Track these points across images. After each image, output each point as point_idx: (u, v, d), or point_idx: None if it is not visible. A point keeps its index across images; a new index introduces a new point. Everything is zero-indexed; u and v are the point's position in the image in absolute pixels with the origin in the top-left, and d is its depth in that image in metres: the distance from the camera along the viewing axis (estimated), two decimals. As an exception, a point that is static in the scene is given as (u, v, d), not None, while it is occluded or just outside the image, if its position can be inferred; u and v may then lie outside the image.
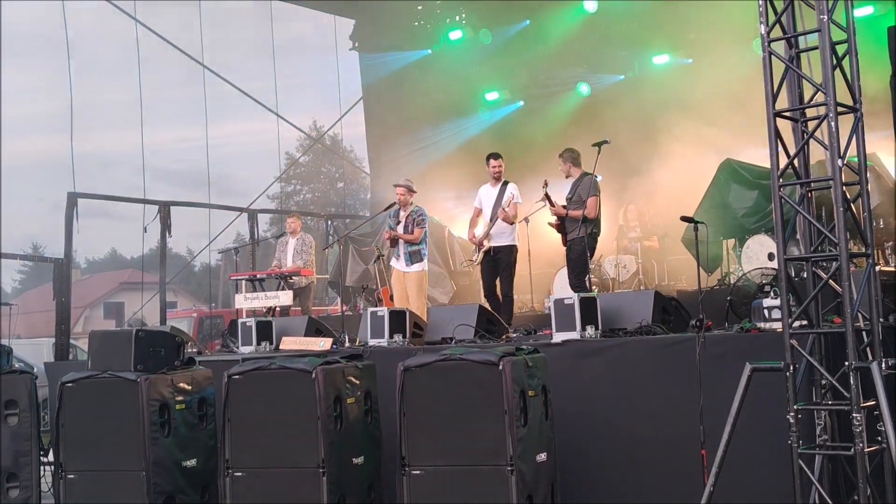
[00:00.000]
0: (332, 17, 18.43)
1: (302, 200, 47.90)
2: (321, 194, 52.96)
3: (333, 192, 53.59)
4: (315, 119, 38.47)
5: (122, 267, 56.59)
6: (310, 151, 54.99)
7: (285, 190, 50.38)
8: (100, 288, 51.82)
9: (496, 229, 10.47)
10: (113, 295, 52.66)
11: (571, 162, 10.11)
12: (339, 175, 56.67)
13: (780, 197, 5.58)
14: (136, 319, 15.87)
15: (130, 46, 15.76)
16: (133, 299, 54.17)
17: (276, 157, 41.51)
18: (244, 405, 6.61)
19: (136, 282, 55.31)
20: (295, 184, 51.53)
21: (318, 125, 43.04)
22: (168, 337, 7.16)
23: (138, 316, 17.28)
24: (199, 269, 42.56)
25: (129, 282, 54.99)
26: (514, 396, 5.89)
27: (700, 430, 6.16)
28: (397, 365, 7.52)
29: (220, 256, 30.21)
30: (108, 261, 60.37)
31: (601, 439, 7.03)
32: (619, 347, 7.22)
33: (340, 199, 51.72)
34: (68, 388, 7.03)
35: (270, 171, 53.49)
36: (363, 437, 6.80)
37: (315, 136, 44.65)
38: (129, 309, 53.68)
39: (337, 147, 47.54)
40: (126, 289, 54.19)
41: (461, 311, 8.98)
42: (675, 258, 13.40)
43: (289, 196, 48.42)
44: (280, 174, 37.61)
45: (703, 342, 6.29)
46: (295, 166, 56.23)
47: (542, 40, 16.12)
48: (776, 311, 7.26)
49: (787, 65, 5.68)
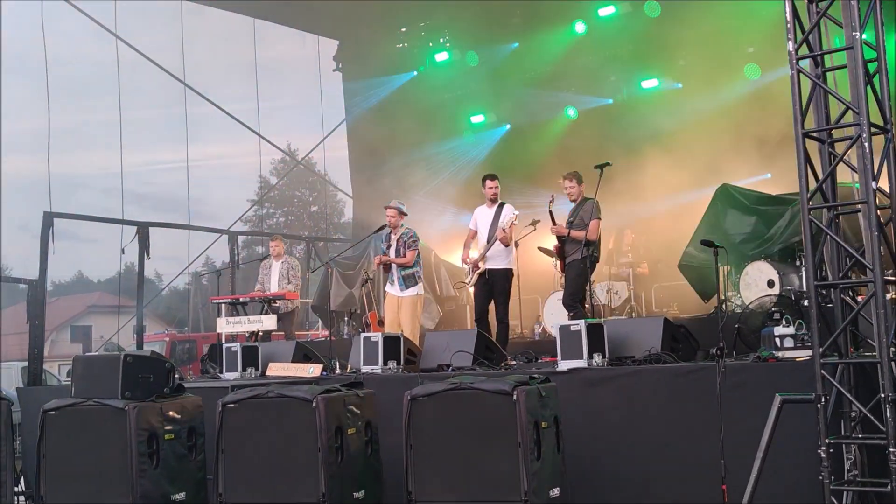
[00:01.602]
0: (315, 38, 18.14)
1: (275, 224, 47.40)
2: (295, 218, 52.50)
3: (307, 216, 53.21)
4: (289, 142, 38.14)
5: (89, 290, 55.72)
6: (282, 175, 54.75)
7: (258, 213, 49.92)
8: (66, 311, 50.97)
9: (492, 251, 10.19)
10: (80, 318, 51.82)
11: (580, 183, 9.90)
12: (312, 199, 56.42)
13: (809, 220, 5.35)
14: (112, 344, 15.41)
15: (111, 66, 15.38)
16: (101, 323, 53.40)
17: (251, 180, 41.02)
18: (239, 435, 6.28)
19: (105, 305, 54.60)
20: (268, 207, 51.01)
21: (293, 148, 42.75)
22: (157, 362, 6.79)
23: (114, 340, 16.76)
24: (167, 293, 42.00)
25: (97, 305, 54.20)
26: (528, 428, 5.61)
27: (721, 465, 5.86)
28: (403, 394, 7.23)
29: (190, 280, 29.73)
30: (74, 284, 59.36)
31: (613, 473, 6.74)
32: (630, 376, 6.95)
33: (314, 223, 51.34)
34: (51, 416, 6.64)
35: (244, 194, 53.13)
36: (364, 469, 6.46)
37: (291, 160, 44.54)
38: (97, 332, 52.85)
39: (311, 170, 47.26)
40: (94, 312, 53.39)
41: (458, 337, 8.69)
42: (666, 285, 13.19)
43: (262, 219, 47.86)
44: (260, 197, 37.24)
45: (724, 371, 6.01)
46: (268, 189, 55.94)
47: (529, 63, 15.96)
48: (788, 340, 7.08)
49: (816, 83, 5.46)
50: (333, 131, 18.41)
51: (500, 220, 10.29)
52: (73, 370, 6.85)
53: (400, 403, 7.27)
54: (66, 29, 16.50)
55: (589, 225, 9.53)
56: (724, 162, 14.15)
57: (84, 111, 38.24)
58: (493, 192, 10.53)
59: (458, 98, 16.97)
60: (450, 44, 17.29)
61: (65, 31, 16.59)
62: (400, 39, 17.99)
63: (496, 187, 10.56)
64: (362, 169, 18.22)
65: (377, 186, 17.77)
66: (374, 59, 17.72)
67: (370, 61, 17.75)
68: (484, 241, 10.41)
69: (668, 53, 14.61)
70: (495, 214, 10.41)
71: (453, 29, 16.90)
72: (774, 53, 13.54)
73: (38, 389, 11.57)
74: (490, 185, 10.57)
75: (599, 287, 13.09)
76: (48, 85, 14.77)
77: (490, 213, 10.49)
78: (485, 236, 10.42)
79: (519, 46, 15.91)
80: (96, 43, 15.65)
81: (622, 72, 15.04)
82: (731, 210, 11.16)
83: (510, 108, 16.64)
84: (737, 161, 14.16)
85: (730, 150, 14.09)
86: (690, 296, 12.87)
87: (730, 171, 13.98)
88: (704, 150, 14.02)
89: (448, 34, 17.25)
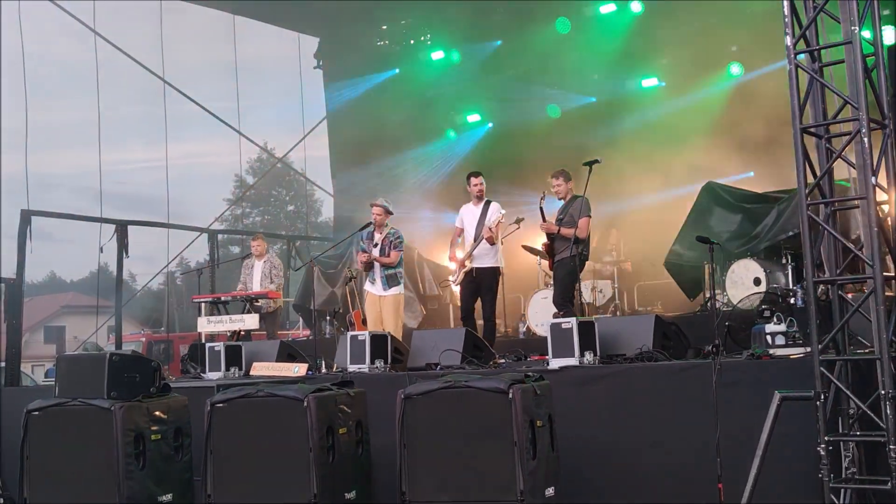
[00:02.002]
0: (295, 35, 17.97)
1: (252, 223, 47.04)
2: (272, 217, 52.22)
3: (284, 215, 52.95)
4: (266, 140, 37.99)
5: (61, 290, 55.15)
6: (260, 174, 54.42)
7: (235, 212, 49.63)
8: (39, 311, 50.40)
9: (479, 250, 10.10)
10: (53, 319, 51.29)
11: (572, 182, 9.83)
12: (289, 198, 56.13)
13: (808, 216, 5.31)
14: (91, 344, 15.20)
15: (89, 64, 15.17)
16: (74, 323, 52.84)
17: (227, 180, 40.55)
18: (228, 435, 6.17)
19: (78, 305, 54.07)
20: (245, 206, 50.70)
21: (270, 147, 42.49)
22: (143, 362, 6.67)
23: (93, 340, 16.52)
24: (139, 293, 41.67)
25: (70, 305, 53.63)
26: (523, 427, 5.54)
27: (717, 463, 5.82)
28: (391, 393, 7.15)
29: (164, 280, 29.43)
30: (46, 284, 58.72)
31: (605, 472, 6.69)
32: (622, 374, 6.90)
33: (291, 223, 51.08)
34: (34, 416, 6.50)
35: (220, 193, 52.80)
36: (355, 470, 6.37)
37: (269, 158, 44.21)
38: (70, 333, 52.30)
39: (288, 169, 47.02)
40: (67, 312, 52.84)
41: (446, 336, 8.60)
42: (650, 283, 13.16)
43: (238, 219, 47.61)
44: (237, 196, 36.91)
45: (720, 369, 5.97)
46: (246, 188, 55.55)
47: (512, 61, 15.85)
48: (779, 337, 7.04)
49: (815, 77, 5.42)
50: (314, 129, 18.23)
51: (486, 219, 10.21)
52: (58, 369, 6.71)
53: (388, 403, 7.18)
54: (44, 26, 16.27)
55: (578, 223, 9.46)
56: (707, 160, 14.14)
57: (59, 110, 37.83)
58: (478, 188, 10.44)
59: (441, 96, 16.83)
60: (431, 41, 17.16)
61: (42, 29, 16.36)
62: (381, 37, 17.85)
63: (481, 184, 10.47)
64: (343, 167, 18.08)
65: (358, 185, 17.65)
66: (355, 57, 17.54)
67: (351, 59, 17.57)
68: (471, 240, 10.32)
69: (652, 52, 14.57)
70: (482, 212, 10.33)
71: (435, 26, 16.77)
72: (758, 52, 13.61)
73: (15, 390, 11.38)
74: (475, 183, 10.48)
75: (584, 285, 13.03)
76: (25, 82, 14.53)
77: (477, 211, 10.40)
78: (471, 234, 10.33)
79: (502, 44, 15.80)
80: (75, 39, 15.41)
81: (606, 70, 14.96)
82: (716, 208, 11.16)
83: (493, 107, 16.55)
84: (720, 159, 14.15)
85: (713, 149, 14.08)
86: (674, 294, 12.86)
87: (712, 169, 13.97)
88: (687, 149, 14.02)
89: (430, 32, 17.11)
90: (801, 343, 6.82)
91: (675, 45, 14.34)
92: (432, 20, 16.71)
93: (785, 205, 10.20)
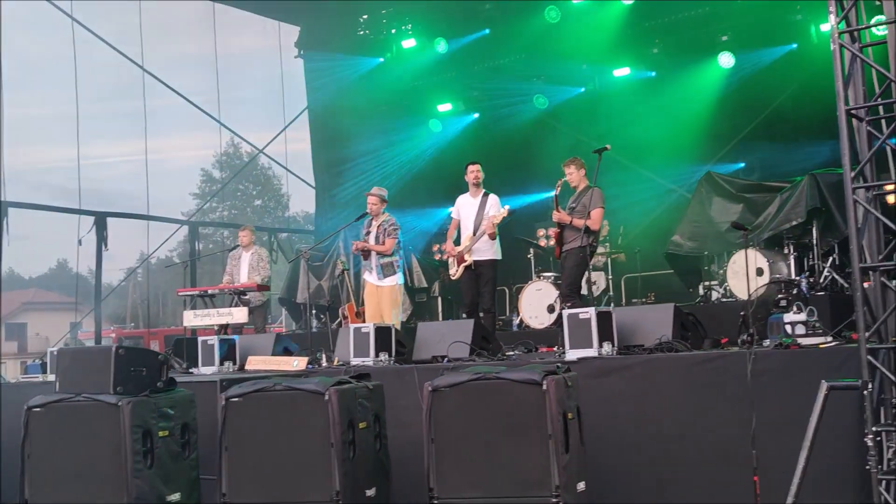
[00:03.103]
0: (276, 24, 17.60)
1: (217, 218, 46.36)
2: (238, 211, 51.60)
3: (251, 210, 52.38)
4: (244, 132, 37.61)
5: (20, 287, 54.25)
6: (226, 168, 53.74)
7: (202, 207, 48.98)
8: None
9: (479, 243, 9.89)
10: (14, 315, 50.40)
11: (585, 171, 9.62)
12: (256, 192, 55.55)
13: (854, 201, 5.15)
14: (75, 340, 14.74)
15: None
16: (36, 320, 51.97)
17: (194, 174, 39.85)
18: (244, 431, 5.89)
19: (40, 302, 53.11)
20: (211, 201, 50.17)
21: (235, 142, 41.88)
22: (150, 355, 6.38)
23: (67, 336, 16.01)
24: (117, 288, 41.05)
25: (32, 302, 52.74)
26: (558, 419, 5.32)
27: (753, 455, 5.66)
28: (398, 386, 6.99)
29: (124, 277, 28.87)
30: (4, 280, 57.58)
31: (630, 466, 6.50)
32: (643, 365, 6.71)
33: (258, 217, 50.57)
34: (36, 413, 6.17)
35: (186, 188, 52.13)
36: (374, 466, 6.13)
37: (234, 152, 43.74)
38: (32, 330, 51.39)
39: (255, 164, 46.55)
40: (29, 309, 51.94)
41: (454, 328, 8.39)
42: (643, 275, 13.02)
43: (204, 213, 47.10)
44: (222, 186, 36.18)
45: (754, 358, 5.80)
46: (210, 183, 54.84)
47: (498, 51, 15.64)
48: (799, 327, 6.90)
49: (860, 57, 5.26)
50: (294, 120, 17.87)
51: (485, 210, 10.00)
52: (59, 364, 6.39)
53: (397, 396, 7.00)
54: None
55: (591, 214, 9.26)
56: (696, 151, 14.08)
57: (20, 105, 37.07)
58: (473, 175, 10.22)
59: (426, 86, 16.59)
60: (412, 31, 16.89)
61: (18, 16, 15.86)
62: (362, 26, 17.53)
63: (477, 171, 10.24)
64: (325, 158, 17.75)
65: (340, 176, 17.37)
66: (337, 46, 17.24)
67: (333, 48, 17.26)
68: (468, 232, 10.10)
69: (642, 41, 14.43)
70: (480, 204, 10.11)
71: (418, 16, 16.50)
72: (748, 41, 13.54)
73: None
74: (471, 170, 10.27)
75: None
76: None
77: (475, 202, 10.18)
78: (469, 227, 10.11)
79: (489, 33, 15.56)
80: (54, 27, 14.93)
81: (594, 60, 14.80)
82: (716, 198, 11.05)
83: (478, 97, 16.33)
84: (709, 150, 14.10)
85: (702, 140, 14.03)
86: (666, 285, 12.77)
87: (702, 160, 13.93)
88: (677, 140, 13.94)
89: (411, 22, 16.83)
90: (822, 332, 6.71)
91: (664, 34, 14.24)
92: (415, 10, 16.44)
93: (788, 194, 10.09)
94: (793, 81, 13.05)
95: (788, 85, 13.15)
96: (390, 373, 7.82)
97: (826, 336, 6.62)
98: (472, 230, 9.99)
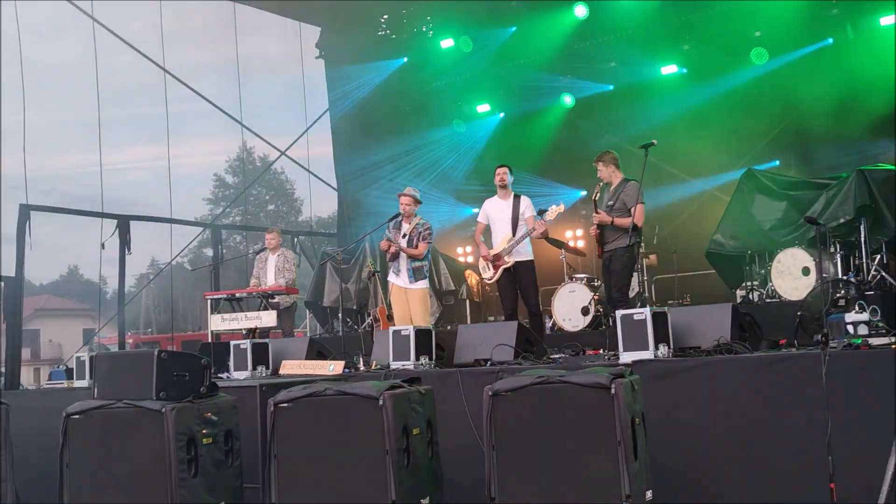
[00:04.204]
0: (297, 24, 17.35)
1: (231, 223, 46.20)
2: (251, 216, 51.25)
3: (264, 215, 52.16)
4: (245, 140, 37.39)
5: (31, 293, 54.40)
6: (238, 173, 53.60)
7: (214, 212, 48.83)
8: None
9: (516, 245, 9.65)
10: (27, 322, 50.45)
11: (615, 165, 9.32)
12: (269, 197, 55.38)
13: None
14: (99, 345, 14.48)
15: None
16: (48, 326, 51.94)
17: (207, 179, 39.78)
18: (293, 438, 5.65)
19: (53, 308, 53.11)
20: (224, 206, 50.02)
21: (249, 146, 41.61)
22: (193, 359, 6.12)
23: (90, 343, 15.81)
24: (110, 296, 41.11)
25: (45, 308, 52.76)
26: (627, 425, 5.06)
27: (829, 461, 5.37)
28: (441, 390, 6.76)
29: (134, 282, 28.63)
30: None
31: (692, 472, 6.22)
32: (702, 368, 6.43)
33: (271, 222, 50.33)
34: (75, 420, 5.93)
35: (199, 193, 52.00)
36: (428, 474, 5.86)
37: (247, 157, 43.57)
38: (45, 336, 51.35)
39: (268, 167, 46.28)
40: (41, 315, 51.96)
41: (496, 330, 8.12)
42: (677, 276, 12.75)
43: (217, 219, 47.01)
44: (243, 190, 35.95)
45: (829, 360, 5.53)
46: (223, 188, 54.80)
47: (526, 49, 15.39)
48: (862, 327, 6.63)
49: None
50: (316, 121, 17.61)
51: (520, 212, 9.74)
52: (97, 369, 6.14)
53: (439, 400, 6.71)
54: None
55: (634, 211, 8.94)
56: (729, 150, 13.82)
57: (43, 111, 36.91)
58: (498, 178, 9.97)
59: (451, 86, 16.35)
60: (434, 30, 16.67)
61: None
62: (382, 27, 17.30)
63: (502, 173, 9.98)
64: (347, 159, 17.50)
65: (363, 177, 17.15)
66: (358, 46, 17.01)
67: (356, 48, 17.03)
68: (501, 235, 9.82)
69: (672, 38, 14.17)
70: (513, 206, 9.84)
71: (442, 14, 16.25)
72: (782, 37, 13.27)
73: (19, 394, 10.76)
74: (497, 172, 10.02)
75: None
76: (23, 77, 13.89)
77: (505, 205, 9.90)
78: (502, 230, 9.82)
79: (517, 31, 15.31)
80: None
81: (623, 58, 14.54)
82: (758, 195, 10.77)
83: (505, 96, 16.07)
84: (742, 148, 13.84)
85: (734, 137, 13.76)
86: (700, 286, 12.51)
87: (734, 158, 13.67)
88: (708, 138, 13.67)
89: (434, 21, 16.60)
90: (885, 332, 6.44)
91: (695, 30, 13.98)
92: (438, 8, 16.20)
93: (834, 191, 9.80)
94: (827, 77, 12.76)
95: (823, 80, 12.85)
96: (432, 377, 7.54)
97: (890, 336, 6.36)
98: (511, 232, 9.71)
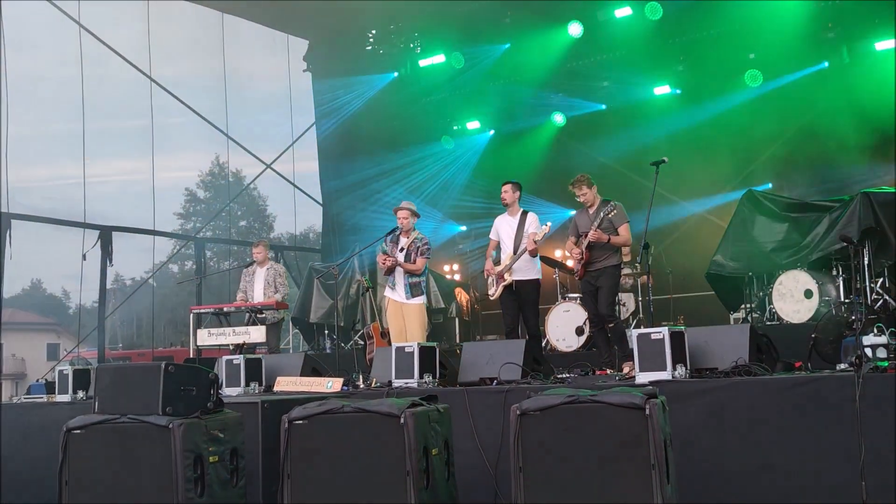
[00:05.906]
0: (285, 37, 17.12)
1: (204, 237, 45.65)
2: (222, 232, 50.49)
3: (235, 231, 51.41)
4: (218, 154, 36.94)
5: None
6: (211, 188, 53.10)
7: (185, 227, 48.19)
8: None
9: (519, 262, 9.47)
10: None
11: (592, 186, 9.21)
12: (241, 213, 54.79)
13: None
14: (80, 359, 14.11)
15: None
16: (11, 341, 50.87)
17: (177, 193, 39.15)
18: (308, 457, 5.39)
19: (17, 322, 52.28)
20: (195, 221, 49.45)
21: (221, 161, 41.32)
22: (200, 373, 5.85)
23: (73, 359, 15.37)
24: (73, 310, 40.31)
25: (9, 322, 51.67)
26: (661, 447, 4.87)
27: (862, 487, 5.23)
28: (464, 409, 6.57)
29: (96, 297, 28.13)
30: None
31: (717, 497, 6.04)
32: (723, 390, 6.27)
33: (242, 238, 49.76)
34: (75, 435, 5.64)
35: (170, 208, 51.38)
36: (445, 496, 5.64)
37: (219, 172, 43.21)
38: (7, 351, 50.35)
39: (239, 184, 45.93)
40: (5, 329, 50.77)
41: (503, 348, 7.92)
42: (673, 297, 12.64)
43: (188, 234, 46.42)
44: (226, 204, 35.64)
45: (861, 383, 5.39)
46: (195, 203, 54.16)
47: (518, 66, 15.29)
48: (881, 350, 6.52)
49: None
50: (303, 135, 17.36)
51: (525, 229, 9.59)
52: (98, 382, 5.86)
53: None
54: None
55: (621, 230, 8.91)
56: (720, 171, 13.78)
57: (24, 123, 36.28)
58: (501, 196, 9.86)
59: (441, 102, 16.19)
60: (423, 46, 16.52)
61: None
62: (370, 42, 17.12)
63: (505, 192, 9.86)
64: (332, 175, 17.26)
65: (348, 194, 16.92)
66: (347, 60, 16.83)
67: (343, 62, 16.85)
68: (509, 251, 9.67)
69: (667, 59, 14.12)
70: (519, 223, 9.70)
71: (431, 31, 16.12)
72: (777, 60, 13.25)
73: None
74: (502, 190, 9.90)
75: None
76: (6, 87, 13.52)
77: (513, 221, 9.77)
78: (509, 247, 9.68)
79: (510, 47, 15.20)
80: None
81: (617, 77, 14.47)
82: (759, 217, 10.68)
83: (495, 113, 15.94)
84: (733, 170, 13.80)
85: (726, 159, 13.72)
86: (695, 308, 12.41)
87: (725, 180, 13.63)
88: (700, 159, 13.60)
89: (423, 37, 16.46)
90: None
91: (691, 51, 13.94)
92: (428, 25, 16.06)
93: (838, 213, 9.72)
94: (822, 100, 12.75)
95: (818, 104, 12.84)
96: (438, 395, 7.34)
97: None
98: (513, 249, 9.56)
